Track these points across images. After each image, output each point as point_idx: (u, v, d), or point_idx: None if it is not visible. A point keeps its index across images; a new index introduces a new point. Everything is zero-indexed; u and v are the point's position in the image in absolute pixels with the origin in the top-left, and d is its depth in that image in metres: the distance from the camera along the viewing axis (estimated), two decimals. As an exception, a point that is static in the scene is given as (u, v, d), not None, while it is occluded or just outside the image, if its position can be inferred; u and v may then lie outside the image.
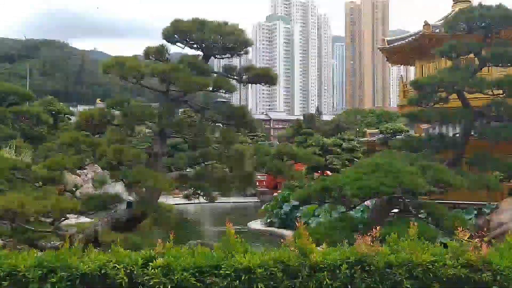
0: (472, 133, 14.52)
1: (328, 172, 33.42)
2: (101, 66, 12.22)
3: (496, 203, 15.19)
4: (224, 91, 12.87)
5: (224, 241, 5.45)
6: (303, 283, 5.04)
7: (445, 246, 5.66)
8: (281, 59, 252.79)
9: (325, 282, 5.01)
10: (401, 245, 5.52)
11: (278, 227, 22.36)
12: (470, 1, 22.15)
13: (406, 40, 22.68)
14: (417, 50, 22.17)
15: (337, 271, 5.08)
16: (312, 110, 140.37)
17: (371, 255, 5.20)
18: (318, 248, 5.60)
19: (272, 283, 4.99)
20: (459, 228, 5.68)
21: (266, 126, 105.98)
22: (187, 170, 13.39)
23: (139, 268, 4.97)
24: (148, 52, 12.66)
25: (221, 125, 13.25)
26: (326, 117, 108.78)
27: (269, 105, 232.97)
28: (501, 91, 14.35)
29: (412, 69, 25.45)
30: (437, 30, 20.67)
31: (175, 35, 12.55)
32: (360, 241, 5.36)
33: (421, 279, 5.13)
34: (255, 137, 50.92)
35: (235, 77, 12.94)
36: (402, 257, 5.23)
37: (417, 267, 5.15)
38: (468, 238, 5.54)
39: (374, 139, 23.54)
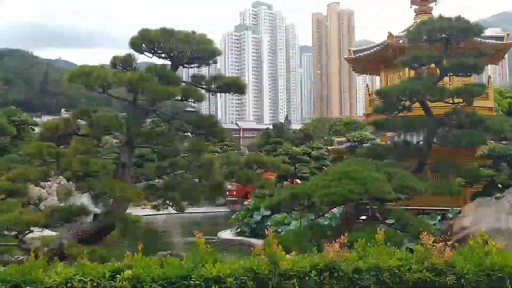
0: (435, 140, 14.94)
1: (298, 180, 33.69)
2: (67, 75, 11.98)
3: (459, 208, 15.65)
4: (193, 100, 12.83)
5: (194, 251, 5.43)
6: (273, 291, 5.07)
7: (411, 251, 5.81)
8: (250, 69, 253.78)
9: (295, 289, 5.06)
10: (368, 250, 5.64)
11: (248, 237, 22.33)
12: (431, 13, 22.90)
13: (371, 51, 23.18)
14: (382, 60, 22.70)
15: (307, 278, 5.15)
16: (281, 119, 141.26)
17: (340, 261, 5.28)
18: (288, 255, 5.65)
19: (242, 292, 5.00)
20: (423, 233, 5.85)
21: (235, 135, 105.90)
22: (156, 180, 13.26)
23: (107, 281, 4.90)
24: (115, 61, 12.51)
25: (190, 135, 13.18)
26: (295, 126, 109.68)
27: (239, 114, 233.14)
28: (461, 100, 14.86)
29: (377, 78, 26.02)
30: (401, 41, 21.24)
31: (143, 45, 12.45)
32: (329, 248, 5.44)
33: (388, 283, 5.25)
34: (225, 146, 50.85)
35: (204, 86, 12.93)
36: (370, 263, 5.34)
37: (384, 272, 5.27)
38: (432, 242, 5.71)
39: (342, 147, 23.86)
